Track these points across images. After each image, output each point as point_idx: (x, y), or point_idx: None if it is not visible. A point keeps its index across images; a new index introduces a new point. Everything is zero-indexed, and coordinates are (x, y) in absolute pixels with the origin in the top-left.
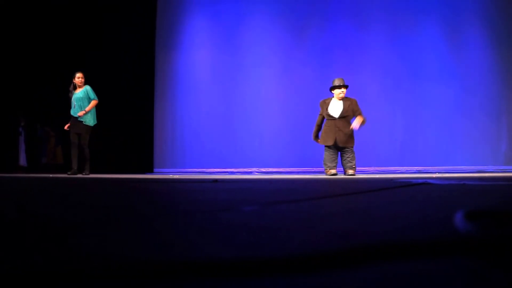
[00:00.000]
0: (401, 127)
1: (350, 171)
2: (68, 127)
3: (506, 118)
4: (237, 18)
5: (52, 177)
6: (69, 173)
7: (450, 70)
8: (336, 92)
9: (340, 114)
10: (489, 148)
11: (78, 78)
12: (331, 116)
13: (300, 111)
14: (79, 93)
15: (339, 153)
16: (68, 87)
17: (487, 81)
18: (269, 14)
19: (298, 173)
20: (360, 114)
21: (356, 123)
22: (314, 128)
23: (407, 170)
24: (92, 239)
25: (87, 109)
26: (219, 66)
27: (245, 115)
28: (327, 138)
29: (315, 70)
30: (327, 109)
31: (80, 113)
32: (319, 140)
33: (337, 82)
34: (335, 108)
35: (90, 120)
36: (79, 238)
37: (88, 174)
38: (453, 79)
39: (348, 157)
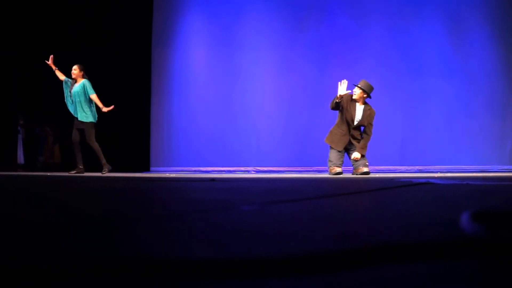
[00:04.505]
0: (402, 125)
1: (365, 169)
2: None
3: (511, 116)
4: (234, 13)
5: (49, 176)
6: (73, 172)
7: (453, 66)
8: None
9: (357, 123)
10: (494, 147)
11: (74, 70)
12: (349, 122)
13: (299, 109)
14: (77, 86)
15: (345, 152)
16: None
17: (492, 78)
18: (266, 9)
19: (296, 172)
20: (370, 130)
21: (357, 155)
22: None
23: (407, 170)
24: (87, 239)
25: (101, 105)
26: (216, 63)
27: (243, 113)
28: (338, 143)
29: (313, 67)
30: (347, 108)
31: (105, 109)
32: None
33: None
34: (356, 113)
35: (89, 117)
36: (74, 238)
37: (106, 171)
38: (456, 75)
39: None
